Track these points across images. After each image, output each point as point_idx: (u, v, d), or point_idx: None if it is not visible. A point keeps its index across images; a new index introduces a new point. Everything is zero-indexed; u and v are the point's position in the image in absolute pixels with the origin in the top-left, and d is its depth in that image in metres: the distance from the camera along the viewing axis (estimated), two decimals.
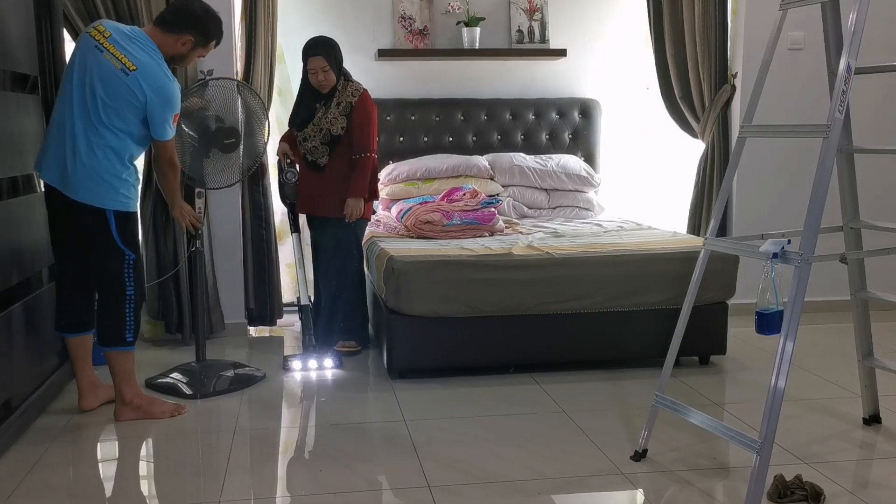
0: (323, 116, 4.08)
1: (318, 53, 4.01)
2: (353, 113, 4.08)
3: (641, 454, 2.95)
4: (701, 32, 4.86)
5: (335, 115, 4.08)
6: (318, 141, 4.11)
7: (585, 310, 3.88)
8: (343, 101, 4.09)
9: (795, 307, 2.46)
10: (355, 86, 4.15)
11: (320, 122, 4.09)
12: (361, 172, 4.09)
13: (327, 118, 4.08)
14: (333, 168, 4.14)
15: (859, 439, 3.19)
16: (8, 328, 3.20)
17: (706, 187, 5.01)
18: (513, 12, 5.38)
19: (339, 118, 4.08)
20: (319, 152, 4.14)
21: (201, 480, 2.91)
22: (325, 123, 4.08)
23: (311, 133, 4.12)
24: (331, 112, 4.08)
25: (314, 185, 4.18)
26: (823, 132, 2.49)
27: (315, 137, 4.12)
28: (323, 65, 4.00)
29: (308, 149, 4.15)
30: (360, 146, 4.09)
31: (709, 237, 2.91)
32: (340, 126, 4.08)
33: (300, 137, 4.16)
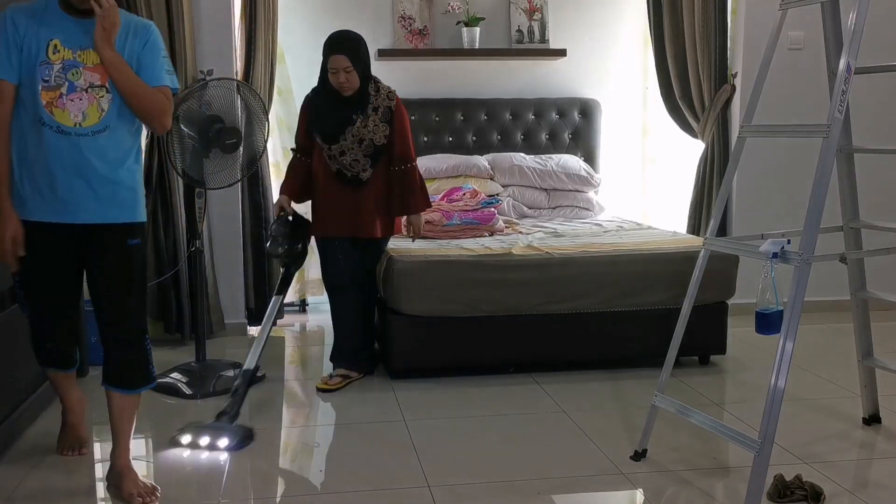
0: (362, 126, 3.62)
1: (342, 51, 3.55)
2: (394, 119, 3.66)
3: (641, 454, 2.95)
4: (701, 32, 4.86)
5: (376, 122, 3.63)
6: (361, 153, 3.63)
7: (585, 310, 3.88)
8: (381, 107, 3.64)
9: (795, 307, 2.46)
10: (388, 88, 3.72)
11: (360, 131, 3.62)
12: (414, 184, 3.72)
13: (368, 127, 3.62)
14: (373, 183, 3.69)
15: (859, 439, 3.19)
16: (8, 328, 3.20)
17: (706, 187, 5.01)
18: (513, 12, 5.38)
19: (381, 126, 3.63)
20: (361, 166, 3.65)
21: (201, 480, 2.91)
22: (367, 133, 3.62)
23: (349, 145, 3.62)
24: (371, 119, 3.63)
25: (351, 204, 3.70)
26: (823, 132, 2.49)
27: (355, 149, 3.63)
28: (346, 64, 3.53)
29: (346, 163, 3.65)
30: (404, 156, 3.69)
31: (709, 237, 2.91)
32: (384, 134, 3.64)
33: (335, 150, 3.64)
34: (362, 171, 3.66)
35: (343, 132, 3.61)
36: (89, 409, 3.53)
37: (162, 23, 4.17)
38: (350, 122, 3.61)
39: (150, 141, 4.27)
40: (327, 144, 3.65)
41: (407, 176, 3.70)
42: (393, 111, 3.66)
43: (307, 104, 3.77)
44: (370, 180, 3.68)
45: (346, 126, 3.61)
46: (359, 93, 3.61)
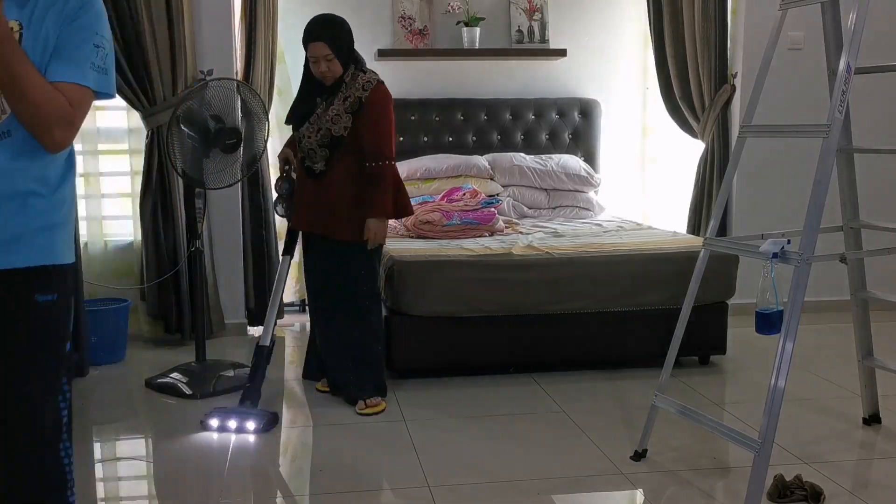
0: (323, 113, 3.36)
1: (320, 38, 3.28)
2: (364, 110, 3.34)
3: (641, 454, 2.95)
4: (701, 32, 4.86)
5: (338, 111, 3.34)
6: (316, 143, 3.39)
7: (585, 310, 3.88)
8: (351, 96, 3.34)
9: (795, 307, 2.46)
10: (368, 76, 3.39)
11: (319, 119, 3.37)
12: (381, 185, 3.37)
13: (328, 115, 3.35)
14: (334, 177, 3.41)
15: (859, 439, 3.19)
16: None
17: (706, 187, 5.01)
18: (513, 12, 5.38)
19: (343, 116, 3.34)
20: (317, 156, 3.40)
21: (201, 480, 2.91)
22: (325, 122, 3.36)
23: (307, 132, 3.41)
24: (333, 108, 3.35)
25: (312, 196, 3.48)
26: (823, 132, 2.49)
27: (311, 137, 3.40)
28: (325, 52, 3.27)
29: (305, 151, 3.46)
30: (373, 152, 3.35)
31: (709, 237, 2.91)
32: (343, 126, 3.34)
33: (297, 136, 3.49)
34: (317, 161, 3.41)
35: (306, 118, 3.42)
36: (90, 410, 3.55)
37: (162, 23, 4.17)
38: (312, 109, 3.41)
39: (150, 141, 4.27)
40: (295, 130, 3.51)
41: (376, 174, 3.36)
42: (363, 102, 3.34)
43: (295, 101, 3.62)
44: (329, 173, 3.40)
45: (310, 113, 3.41)
46: (340, 80, 3.37)
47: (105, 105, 4.48)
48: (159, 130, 4.22)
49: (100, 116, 4.49)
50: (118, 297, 4.36)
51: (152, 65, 4.18)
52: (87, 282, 4.17)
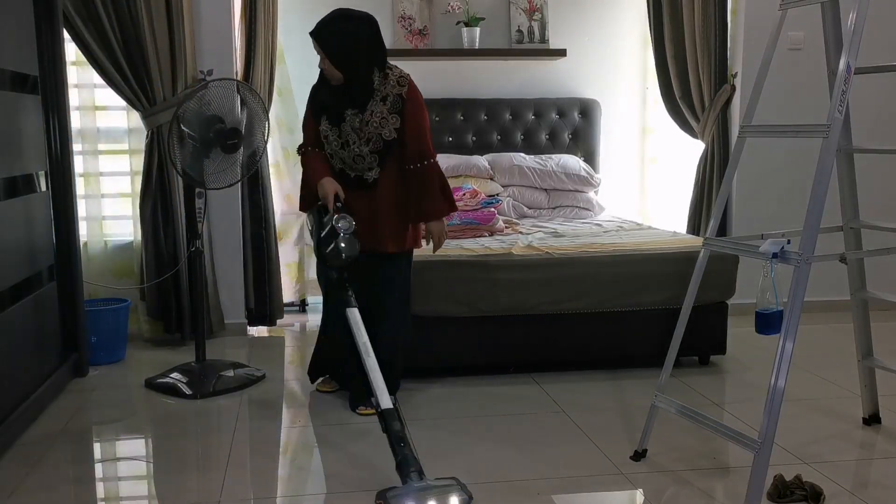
0: (367, 117, 3.15)
1: (315, 34, 3.16)
2: (405, 108, 3.16)
3: (641, 454, 2.95)
4: (701, 32, 4.86)
5: (383, 113, 3.13)
6: (366, 149, 3.16)
7: (585, 310, 3.88)
8: (390, 95, 3.15)
9: (795, 307, 2.46)
10: (400, 73, 3.22)
11: (364, 124, 3.15)
12: (432, 186, 3.18)
13: (373, 119, 3.14)
14: (387, 187, 3.21)
15: (859, 439, 3.19)
16: (8, 328, 3.20)
17: (706, 187, 5.01)
18: (513, 12, 5.38)
19: (391, 117, 3.14)
20: (366, 164, 3.17)
21: (201, 480, 2.91)
22: (372, 126, 3.14)
23: (352, 139, 3.16)
24: (377, 110, 3.14)
25: (362, 210, 3.19)
26: (823, 132, 2.49)
27: (358, 144, 3.15)
28: (320, 51, 3.16)
29: (348, 160, 3.20)
30: (419, 150, 3.17)
31: (708, 237, 2.91)
32: (393, 127, 3.15)
33: (335, 145, 3.20)
34: (368, 170, 3.20)
35: (340, 121, 3.19)
36: (90, 410, 3.55)
37: (162, 23, 4.17)
38: (342, 117, 3.19)
39: (150, 141, 4.27)
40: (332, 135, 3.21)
41: (424, 175, 3.19)
42: (404, 99, 3.16)
43: (312, 94, 3.37)
44: (380, 181, 3.21)
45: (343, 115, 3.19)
46: (359, 83, 3.15)
47: (105, 105, 4.48)
48: (159, 130, 4.22)
49: (100, 116, 4.49)
50: (118, 296, 4.37)
51: (152, 65, 4.18)
52: (87, 282, 4.17)
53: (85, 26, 4.09)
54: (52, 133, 3.77)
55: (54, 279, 3.79)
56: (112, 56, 4.15)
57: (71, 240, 3.87)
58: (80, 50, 4.15)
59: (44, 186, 3.75)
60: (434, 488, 2.57)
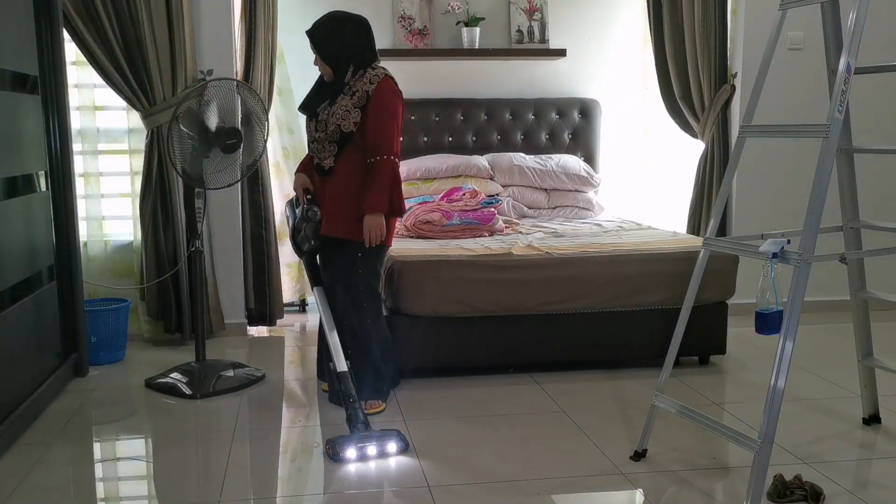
0: (332, 108, 3.32)
1: (310, 34, 3.36)
2: (370, 104, 3.29)
3: (641, 454, 2.95)
4: (701, 32, 4.86)
5: (347, 106, 3.29)
6: (325, 138, 3.35)
7: (585, 310, 3.88)
8: (359, 90, 3.30)
9: (795, 307, 2.46)
10: (376, 71, 3.34)
11: (329, 115, 3.33)
12: (378, 180, 3.28)
13: (337, 110, 3.30)
14: (343, 175, 3.36)
15: (859, 439, 3.19)
16: (8, 328, 3.20)
17: (706, 187, 5.01)
18: (512, 12, 5.38)
19: (353, 111, 3.28)
20: (326, 152, 3.35)
21: (201, 480, 2.91)
22: (335, 117, 3.30)
23: (317, 128, 3.38)
24: (342, 103, 3.31)
25: (321, 197, 3.44)
26: (823, 132, 2.49)
27: (321, 132, 3.36)
28: (314, 51, 3.36)
29: (314, 148, 3.43)
30: (375, 146, 3.28)
31: (708, 237, 2.91)
32: (353, 121, 3.28)
33: (308, 134, 3.48)
34: (326, 157, 3.36)
35: (316, 115, 3.39)
36: (90, 410, 3.55)
37: (162, 23, 4.17)
38: (319, 106, 3.39)
39: (150, 141, 4.27)
40: (309, 126, 3.45)
41: (376, 169, 3.28)
42: (370, 95, 3.28)
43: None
44: (338, 170, 3.35)
45: (319, 110, 3.38)
46: (339, 79, 3.34)
47: (105, 105, 4.48)
48: (159, 130, 4.23)
49: (100, 116, 4.49)
50: (118, 296, 4.37)
51: (152, 65, 4.18)
52: (87, 282, 4.18)
53: (85, 26, 4.09)
54: (52, 133, 3.77)
55: (54, 279, 3.79)
56: (112, 56, 4.15)
57: (71, 240, 3.87)
58: (80, 50, 4.15)
59: (44, 186, 3.76)
60: (375, 436, 3.02)
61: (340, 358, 3.26)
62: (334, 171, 3.37)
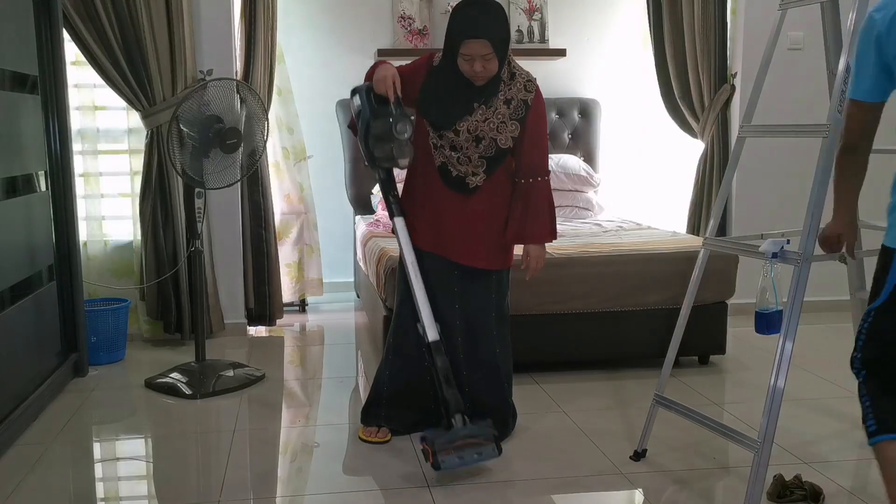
0: (484, 120, 2.82)
1: (485, 35, 2.69)
2: (528, 116, 2.85)
3: (641, 454, 2.95)
4: (700, 32, 4.86)
5: (504, 117, 2.82)
6: (476, 153, 2.84)
7: (585, 310, 3.88)
8: (514, 98, 2.83)
9: (795, 306, 2.46)
10: (528, 76, 2.88)
11: (479, 127, 2.81)
12: (541, 205, 2.89)
13: (493, 121, 2.82)
14: (486, 195, 2.90)
15: (858, 439, 3.19)
16: (8, 328, 3.20)
17: (706, 187, 5.01)
18: (512, 12, 5.38)
19: (510, 123, 2.83)
20: (473, 167, 2.86)
21: (201, 480, 2.91)
22: (489, 130, 2.82)
23: (463, 141, 2.83)
24: (498, 112, 2.83)
25: (453, 214, 2.91)
26: (823, 132, 2.50)
27: (469, 146, 2.83)
28: (487, 51, 2.70)
29: (453, 159, 2.87)
30: (535, 164, 2.87)
31: (708, 237, 2.91)
32: (510, 135, 2.83)
33: (443, 142, 2.86)
34: (472, 174, 2.87)
35: (454, 124, 2.83)
36: (90, 410, 3.55)
37: (162, 23, 4.17)
38: (468, 111, 2.82)
39: (149, 141, 4.27)
40: (437, 131, 2.87)
41: (535, 192, 2.88)
42: (529, 106, 2.84)
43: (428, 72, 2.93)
44: (483, 189, 2.89)
45: (462, 117, 2.83)
46: (494, 79, 2.81)
47: (105, 105, 4.48)
48: (159, 130, 4.23)
49: (100, 116, 4.49)
50: (118, 296, 4.37)
51: (152, 65, 4.18)
52: (86, 282, 4.18)
53: (85, 26, 4.08)
54: (52, 133, 3.77)
55: (54, 279, 3.79)
56: (112, 56, 4.15)
57: (71, 240, 3.87)
58: (80, 50, 4.15)
59: (44, 186, 3.75)
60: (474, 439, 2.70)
61: (432, 326, 2.82)
62: (480, 191, 2.90)
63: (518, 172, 2.91)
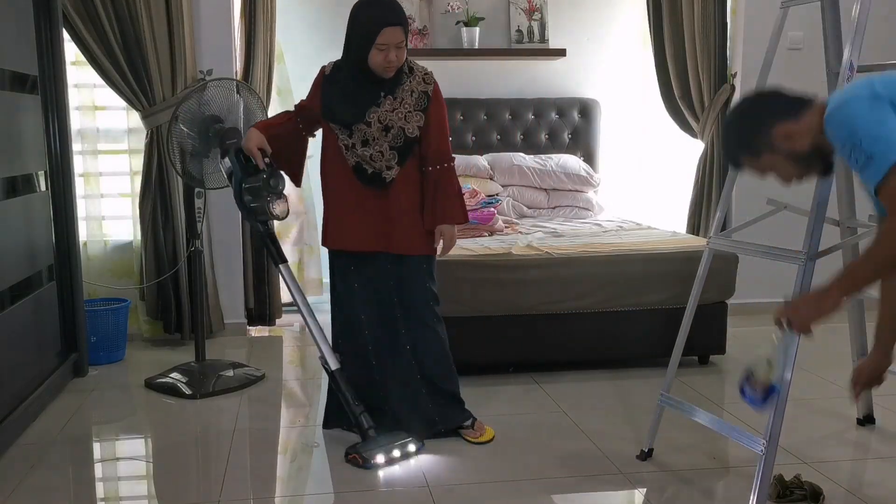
0: (392, 110, 2.95)
1: (399, 22, 2.84)
2: (430, 107, 3.01)
3: (647, 453, 2.95)
4: (700, 32, 4.86)
5: (410, 108, 2.97)
6: (387, 145, 2.96)
7: (585, 310, 3.88)
8: (415, 90, 2.98)
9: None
10: (424, 69, 3.06)
11: (388, 117, 2.94)
12: (450, 188, 3.03)
13: (399, 113, 2.96)
14: (404, 185, 3.03)
15: (858, 439, 3.19)
16: (8, 328, 3.20)
17: (705, 187, 5.01)
18: (512, 12, 5.38)
19: (415, 114, 2.97)
20: (386, 161, 2.98)
21: (201, 480, 2.91)
22: (397, 120, 2.95)
23: (374, 133, 2.95)
24: (405, 103, 2.97)
25: (372, 208, 3.03)
26: None
27: (381, 140, 2.95)
28: (400, 39, 2.84)
29: (367, 156, 2.98)
30: (440, 150, 3.02)
31: (713, 235, 2.91)
32: (417, 125, 2.98)
33: (354, 140, 2.96)
34: (387, 168, 2.99)
35: (364, 115, 2.93)
36: (90, 410, 3.55)
37: (162, 23, 4.17)
38: (375, 102, 2.93)
39: (149, 141, 4.27)
40: (346, 130, 2.97)
41: (443, 177, 3.03)
42: (430, 97, 3.01)
43: (325, 79, 3.05)
44: (397, 181, 3.01)
45: (370, 107, 2.93)
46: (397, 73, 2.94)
47: (105, 105, 4.48)
48: (159, 130, 4.22)
49: (100, 116, 4.49)
50: (118, 296, 4.36)
51: (152, 65, 4.18)
52: (86, 282, 4.17)
53: (85, 26, 4.08)
54: (52, 133, 3.77)
55: (54, 279, 3.79)
56: (112, 56, 4.15)
57: (70, 240, 3.87)
58: (80, 50, 4.15)
59: (43, 186, 3.75)
60: (390, 438, 2.99)
61: (331, 354, 3.07)
62: (395, 182, 3.01)
63: (426, 161, 3.03)
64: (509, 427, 3.30)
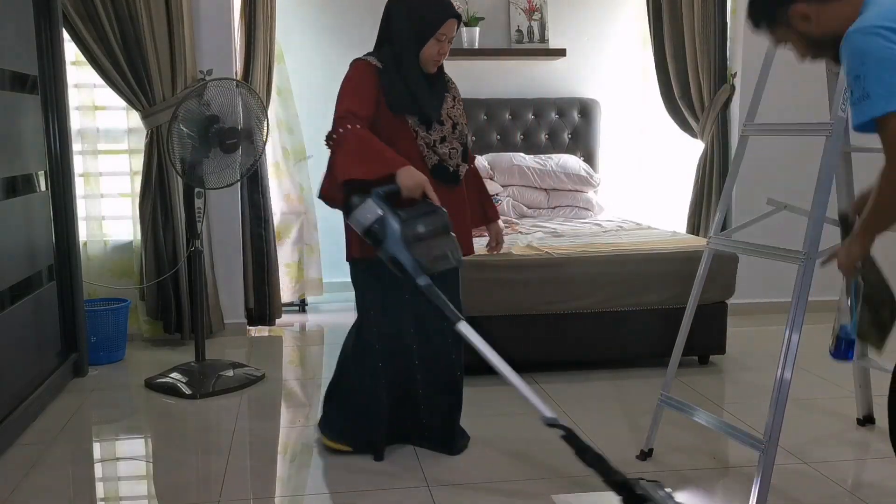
0: (453, 105, 2.89)
1: (457, 15, 2.82)
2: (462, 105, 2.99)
3: (647, 453, 2.95)
4: (700, 32, 4.86)
5: (458, 103, 2.93)
6: (457, 142, 2.85)
7: (585, 310, 3.88)
8: (452, 87, 2.97)
9: (801, 302, 2.47)
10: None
11: (453, 113, 2.87)
12: (484, 185, 3.06)
13: (457, 107, 2.90)
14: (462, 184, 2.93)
15: (858, 439, 3.19)
16: (8, 328, 3.20)
17: (705, 187, 5.01)
18: (512, 12, 5.38)
19: (462, 110, 2.94)
20: (458, 157, 2.85)
21: (201, 480, 2.91)
22: (458, 114, 2.89)
23: (448, 130, 2.83)
24: (457, 99, 2.93)
25: (454, 212, 2.75)
26: (827, 130, 2.50)
27: (450, 137, 2.82)
28: (454, 32, 2.83)
29: (446, 154, 2.82)
30: (469, 149, 2.96)
31: (713, 235, 2.91)
32: (465, 120, 2.95)
33: (433, 138, 2.79)
34: (460, 164, 2.86)
35: (441, 112, 2.82)
36: (90, 410, 3.55)
37: (162, 23, 4.17)
38: (441, 98, 2.85)
39: (149, 141, 4.27)
40: (424, 127, 2.78)
41: (476, 175, 3.01)
42: (458, 96, 2.97)
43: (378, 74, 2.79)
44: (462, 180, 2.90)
45: (442, 103, 2.84)
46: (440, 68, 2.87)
47: (105, 105, 4.48)
48: (159, 130, 4.22)
49: (100, 116, 4.49)
50: (117, 296, 4.36)
51: (152, 65, 4.18)
52: (86, 282, 4.17)
53: (85, 26, 4.08)
54: (52, 133, 3.77)
55: (54, 279, 3.79)
56: (112, 56, 4.15)
57: (70, 240, 3.87)
58: (80, 50, 4.15)
59: (43, 186, 3.75)
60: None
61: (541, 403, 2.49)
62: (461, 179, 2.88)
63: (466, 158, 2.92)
64: (509, 427, 3.29)
